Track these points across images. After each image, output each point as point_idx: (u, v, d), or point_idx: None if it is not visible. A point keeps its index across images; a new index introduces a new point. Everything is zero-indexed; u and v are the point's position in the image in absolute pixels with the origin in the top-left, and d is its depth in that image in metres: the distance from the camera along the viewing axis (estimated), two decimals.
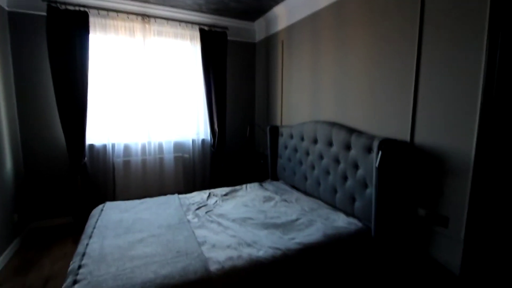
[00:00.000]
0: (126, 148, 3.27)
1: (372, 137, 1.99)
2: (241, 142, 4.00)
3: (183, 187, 3.52)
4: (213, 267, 1.48)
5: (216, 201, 2.50)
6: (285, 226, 1.99)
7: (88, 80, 2.90)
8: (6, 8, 2.72)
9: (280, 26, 3.35)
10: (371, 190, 1.95)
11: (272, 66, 3.61)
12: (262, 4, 3.20)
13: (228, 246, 1.69)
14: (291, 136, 2.97)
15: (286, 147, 3.07)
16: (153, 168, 3.36)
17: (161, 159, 3.41)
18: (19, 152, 2.85)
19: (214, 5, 3.24)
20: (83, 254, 1.58)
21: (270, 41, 3.64)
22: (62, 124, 2.84)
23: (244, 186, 2.94)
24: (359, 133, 2.16)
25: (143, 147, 3.33)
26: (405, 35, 1.87)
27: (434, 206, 1.76)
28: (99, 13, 3.01)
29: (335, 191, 2.34)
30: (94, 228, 1.92)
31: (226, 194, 2.69)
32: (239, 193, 2.76)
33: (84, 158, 2.97)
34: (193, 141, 3.62)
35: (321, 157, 2.51)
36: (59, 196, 3.06)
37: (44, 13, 2.76)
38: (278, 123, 3.50)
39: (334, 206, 2.35)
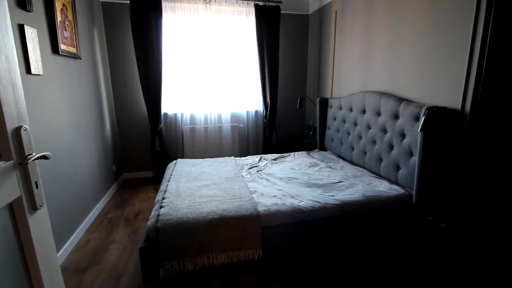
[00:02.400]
0: (192, 117, 3.80)
1: (421, 106, 2.00)
2: (292, 114, 4.20)
3: (238, 153, 3.96)
4: (261, 209, 1.82)
5: (266, 164, 2.83)
6: (326, 186, 2.21)
7: (162, 57, 3.42)
8: (100, 0, 3.34)
9: None
10: (415, 158, 2.01)
11: (324, 38, 3.63)
12: None
13: (274, 196, 2.01)
14: (340, 107, 3.06)
15: (334, 118, 3.18)
16: (213, 135, 3.84)
17: (220, 128, 3.87)
18: (114, 118, 3.61)
19: None
20: (165, 191, 2.09)
21: (323, 11, 3.63)
22: (144, 97, 3.47)
23: (292, 153, 3.20)
24: (408, 101, 2.17)
25: (205, 117, 3.82)
26: (461, 4, 1.77)
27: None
28: None
29: (380, 160, 2.42)
30: (171, 175, 2.45)
31: (275, 159, 3.00)
32: (287, 158, 3.04)
33: (160, 124, 3.59)
34: (247, 112, 3.97)
35: (368, 127, 2.58)
36: (143, 155, 3.80)
37: (128, 1, 3.30)
38: (328, 95, 3.57)
39: (378, 174, 2.45)
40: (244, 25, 3.77)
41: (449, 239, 1.80)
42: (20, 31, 1.66)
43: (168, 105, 3.71)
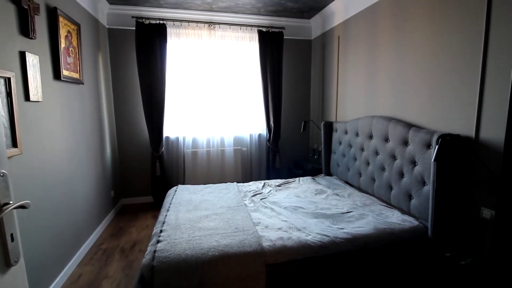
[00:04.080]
0: (194, 141, 3.74)
1: (431, 132, 1.92)
2: (296, 137, 4.13)
3: (241, 178, 3.85)
4: (265, 244, 1.68)
5: (270, 190, 2.71)
6: (335, 217, 2.08)
7: (166, 82, 3.42)
8: (106, 26, 3.41)
9: (336, 21, 3.36)
10: (429, 188, 1.89)
11: (327, 62, 3.64)
12: (318, 0, 3.26)
13: (280, 229, 1.88)
14: (346, 132, 2.99)
15: (340, 143, 3.10)
16: (216, 159, 3.76)
17: (223, 151, 3.79)
18: (115, 142, 3.55)
19: (272, 6, 3.44)
20: (163, 223, 1.97)
21: (326, 37, 3.67)
22: (146, 120, 3.43)
23: (297, 179, 3.09)
24: (417, 128, 2.09)
25: (208, 140, 3.76)
26: (470, 25, 1.75)
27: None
28: (174, 24, 3.52)
29: (390, 188, 2.30)
30: (170, 204, 2.33)
31: (279, 185, 2.89)
32: (292, 185, 2.92)
33: (162, 148, 3.52)
34: (251, 135, 3.91)
35: (376, 153, 2.49)
36: (142, 179, 3.70)
37: (133, 28, 3.36)
38: (333, 119, 3.52)
39: (388, 203, 2.32)
40: (247, 50, 3.81)
41: (472, 278, 1.64)
42: (21, 58, 1.64)
43: (170, 129, 3.66)
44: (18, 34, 1.62)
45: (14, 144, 1.54)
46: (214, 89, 3.70)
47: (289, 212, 2.17)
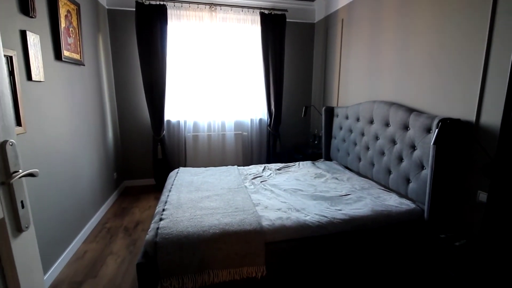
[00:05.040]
0: (195, 125, 3.75)
1: (432, 117, 1.92)
2: (296, 122, 4.14)
3: (241, 162, 3.89)
4: (265, 223, 1.73)
5: (270, 174, 2.75)
6: (333, 199, 2.12)
7: (166, 64, 3.40)
8: (106, 6, 3.34)
9: (340, 4, 3.29)
10: (427, 172, 1.92)
11: (330, 46, 3.59)
12: None
13: (279, 209, 1.93)
14: (347, 117, 2.99)
15: (340, 128, 3.11)
16: (217, 143, 3.78)
17: (223, 136, 3.81)
18: (117, 125, 3.57)
19: None
20: (165, 202, 2.02)
21: (329, 20, 3.60)
22: (147, 103, 3.43)
23: (297, 163, 3.12)
24: (418, 112, 2.09)
25: (209, 125, 3.77)
26: (475, 10, 1.71)
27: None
28: (174, 5, 3.44)
29: (389, 172, 2.33)
30: (172, 185, 2.37)
31: (279, 169, 2.92)
32: (292, 168, 2.96)
33: (163, 132, 3.54)
34: (251, 120, 3.91)
35: (376, 137, 2.50)
36: (144, 162, 3.75)
37: (133, 9, 3.30)
38: (334, 104, 3.51)
39: (387, 187, 2.36)
40: (249, 33, 3.75)
41: (466, 259, 1.69)
42: (22, 37, 1.63)
43: (172, 112, 3.66)
44: (18, 13, 1.61)
45: (18, 122, 1.56)
46: (215, 72, 3.67)
47: (288, 194, 2.21)
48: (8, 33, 1.51)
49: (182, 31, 3.55)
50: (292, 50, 3.96)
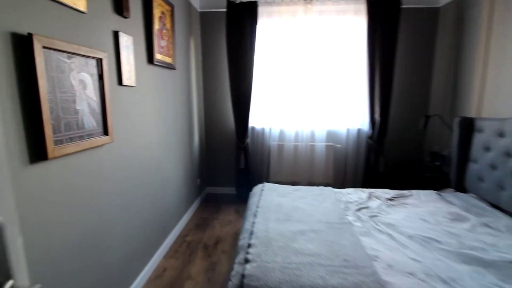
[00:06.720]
0: (281, 133, 3.36)
1: None
2: (407, 135, 3.27)
3: (332, 179, 3.29)
4: None
5: (380, 205, 2.09)
6: (499, 268, 1.35)
7: (253, 66, 3.11)
8: (198, 10, 3.27)
9: None
10: None
11: (466, 36, 2.63)
12: None
13: (412, 274, 1.30)
14: (500, 134, 2.06)
15: (487, 149, 2.18)
16: (304, 155, 3.30)
17: (312, 147, 3.30)
18: (203, 129, 3.48)
19: None
20: (251, 233, 1.64)
21: (464, 0, 2.64)
22: (233, 108, 3.22)
23: (414, 192, 2.35)
24: None
25: (296, 134, 3.32)
26: None
27: None
28: (266, 1, 3.12)
29: None
30: (257, 207, 2.00)
31: (391, 199, 2.22)
32: (409, 200, 2.21)
33: (247, 139, 3.27)
34: (348, 130, 3.27)
35: None
36: (226, 170, 3.57)
37: (224, 9, 3.12)
38: (471, 114, 2.55)
39: None
40: (351, 27, 3.13)
41: None
42: (115, 38, 1.50)
43: (256, 119, 3.37)
44: (112, 12, 1.48)
45: (105, 131, 1.42)
46: (306, 74, 3.19)
47: (418, 246, 1.54)
48: (100, 33, 1.39)
49: (272, 30, 3.21)
50: (405, 44, 3.14)
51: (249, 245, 1.52)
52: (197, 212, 3.08)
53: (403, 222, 1.81)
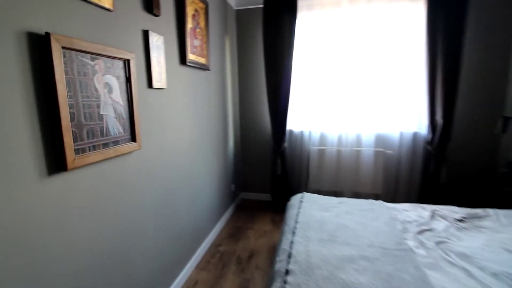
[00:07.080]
0: (322, 137, 3.07)
1: None
2: (476, 140, 2.75)
3: (381, 190, 2.90)
4: None
5: (447, 228, 1.72)
6: None
7: (292, 63, 2.87)
8: (234, 8, 3.14)
9: None
10: None
11: None
12: None
13: None
14: None
15: None
16: (349, 162, 2.96)
17: (358, 153, 2.95)
18: (238, 133, 3.35)
19: None
20: (289, 255, 1.42)
21: None
22: (269, 110, 3.01)
23: (491, 212, 1.90)
24: None
25: (339, 137, 3.00)
26: None
27: None
28: None
29: None
30: (296, 222, 1.78)
31: (461, 220, 1.82)
32: (486, 222, 1.79)
33: (284, 143, 3.04)
34: (401, 134, 2.85)
35: None
36: (262, 175, 3.39)
37: (261, 5, 2.94)
38: None
39: None
40: (405, 15, 2.73)
41: None
42: (144, 38, 1.40)
43: (295, 121, 3.12)
44: (141, 10, 1.39)
45: (133, 138, 1.32)
46: (352, 71, 2.87)
47: (506, 286, 1.18)
48: (128, 32, 1.29)
49: (313, 24, 2.94)
50: (474, 32, 2.64)
51: (287, 272, 1.30)
52: (231, 220, 2.95)
53: (482, 253, 1.44)
